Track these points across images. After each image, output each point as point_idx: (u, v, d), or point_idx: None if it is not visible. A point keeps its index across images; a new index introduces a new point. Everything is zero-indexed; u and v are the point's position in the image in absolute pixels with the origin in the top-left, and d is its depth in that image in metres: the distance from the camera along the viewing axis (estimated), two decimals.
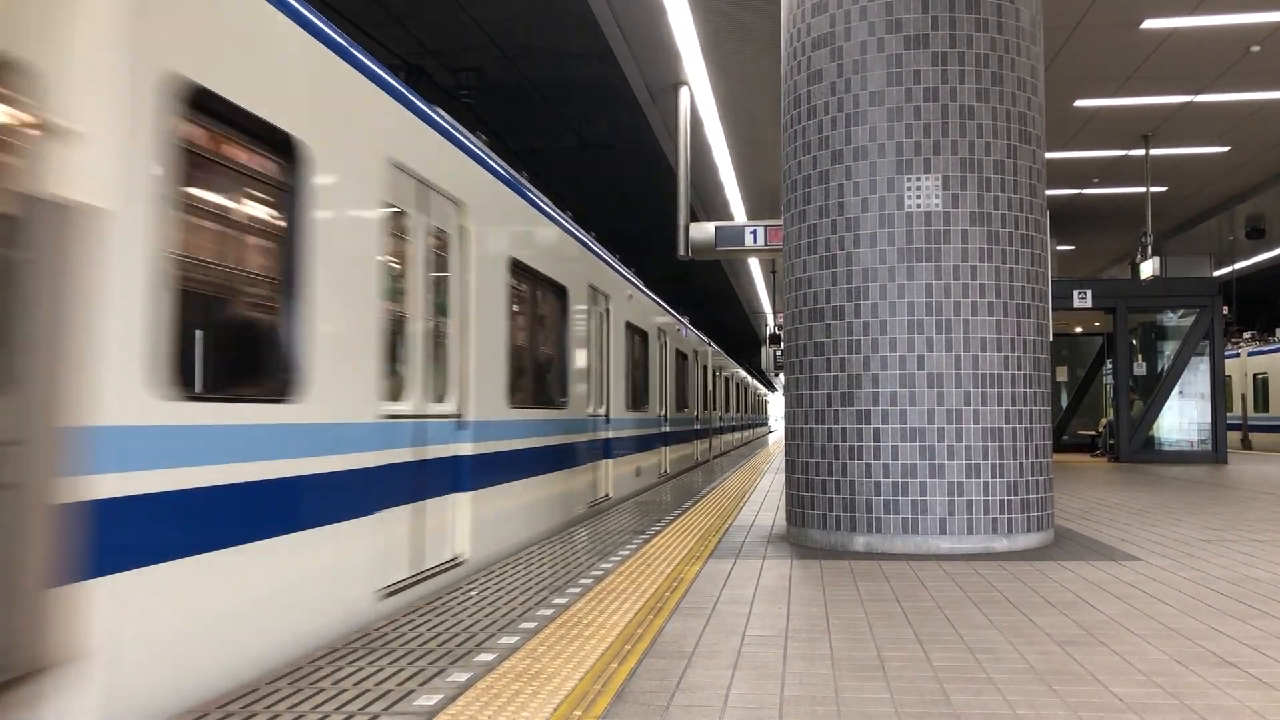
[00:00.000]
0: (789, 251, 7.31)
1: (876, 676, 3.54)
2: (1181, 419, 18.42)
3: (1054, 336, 7.90)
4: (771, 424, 74.03)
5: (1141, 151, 16.18)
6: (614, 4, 10.73)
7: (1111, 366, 18.63)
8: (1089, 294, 17.25)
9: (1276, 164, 17.27)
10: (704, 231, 13.87)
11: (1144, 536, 7.38)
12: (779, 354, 29.00)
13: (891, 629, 4.30)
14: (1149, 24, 11.22)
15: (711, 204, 19.26)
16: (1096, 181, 18.32)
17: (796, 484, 7.13)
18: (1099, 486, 12.21)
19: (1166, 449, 18.21)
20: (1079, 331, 21.20)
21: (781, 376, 15.19)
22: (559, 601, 4.89)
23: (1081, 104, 14.04)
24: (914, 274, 6.64)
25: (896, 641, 4.07)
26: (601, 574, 5.69)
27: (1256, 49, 11.94)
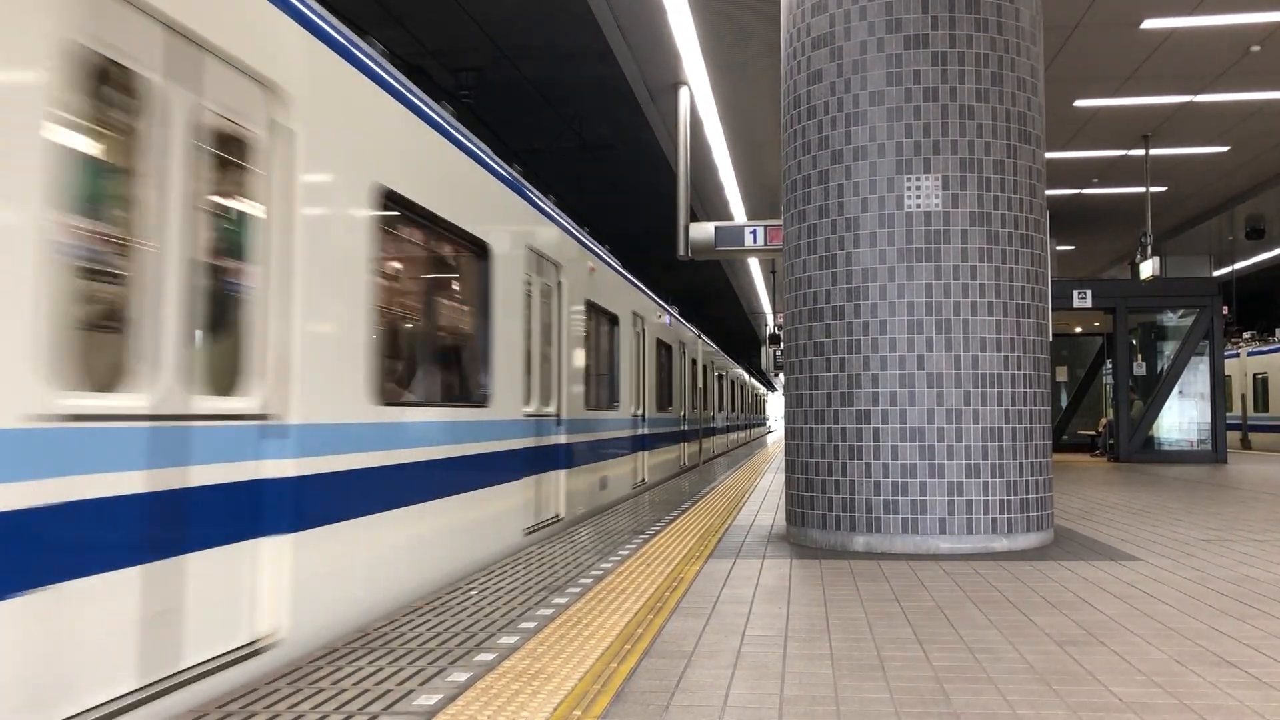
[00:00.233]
0: (789, 251, 7.31)
1: (876, 676, 3.54)
2: (1181, 419, 18.43)
3: (1054, 336, 7.89)
4: (771, 424, 73.86)
5: (1141, 151, 16.18)
6: (614, 4, 10.73)
7: (1111, 366, 18.65)
8: (1089, 294, 17.25)
9: (1276, 164, 17.27)
10: (704, 231, 13.87)
11: (1144, 536, 7.38)
12: (779, 354, 29.02)
13: (891, 629, 4.30)
14: (1149, 24, 11.23)
15: (711, 204, 19.26)
16: (1096, 181, 18.33)
17: (796, 484, 7.13)
18: (1099, 486, 12.22)
19: (1166, 449, 18.22)
20: (1079, 331, 21.21)
21: (781, 376, 15.20)
22: (559, 601, 4.89)
23: (1081, 104, 14.04)
24: (914, 274, 6.64)
25: (896, 641, 4.07)
26: (601, 574, 5.69)
27: (1256, 49, 11.95)
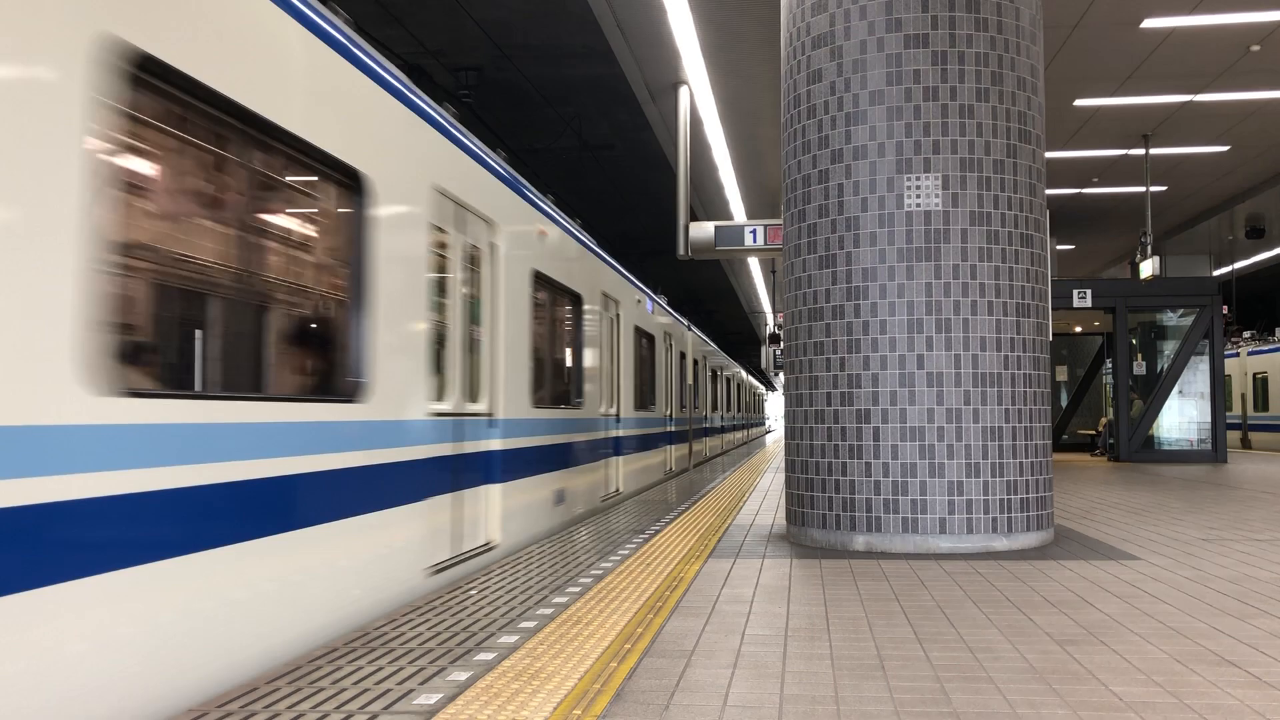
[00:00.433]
0: (788, 251, 7.31)
1: (876, 676, 3.54)
2: (1181, 418, 18.43)
3: (1054, 336, 7.91)
4: (771, 423, 73.63)
5: (1141, 151, 16.18)
6: (614, 3, 10.72)
7: (1111, 366, 18.65)
8: (1089, 293, 17.25)
9: (1276, 164, 17.26)
10: (704, 231, 13.87)
11: (1144, 536, 7.38)
12: (779, 353, 29.01)
13: (891, 628, 4.30)
14: (1149, 23, 11.22)
15: (711, 203, 19.26)
16: (1096, 181, 18.32)
17: (796, 483, 7.13)
18: (1099, 486, 12.21)
19: (1166, 448, 18.22)
20: (1079, 331, 21.21)
21: (781, 376, 15.18)
22: (559, 601, 4.89)
23: (1081, 103, 14.04)
24: (913, 273, 6.64)
25: (896, 641, 4.07)
26: (601, 573, 5.69)
27: (1256, 48, 11.94)
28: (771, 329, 31.28)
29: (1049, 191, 16.12)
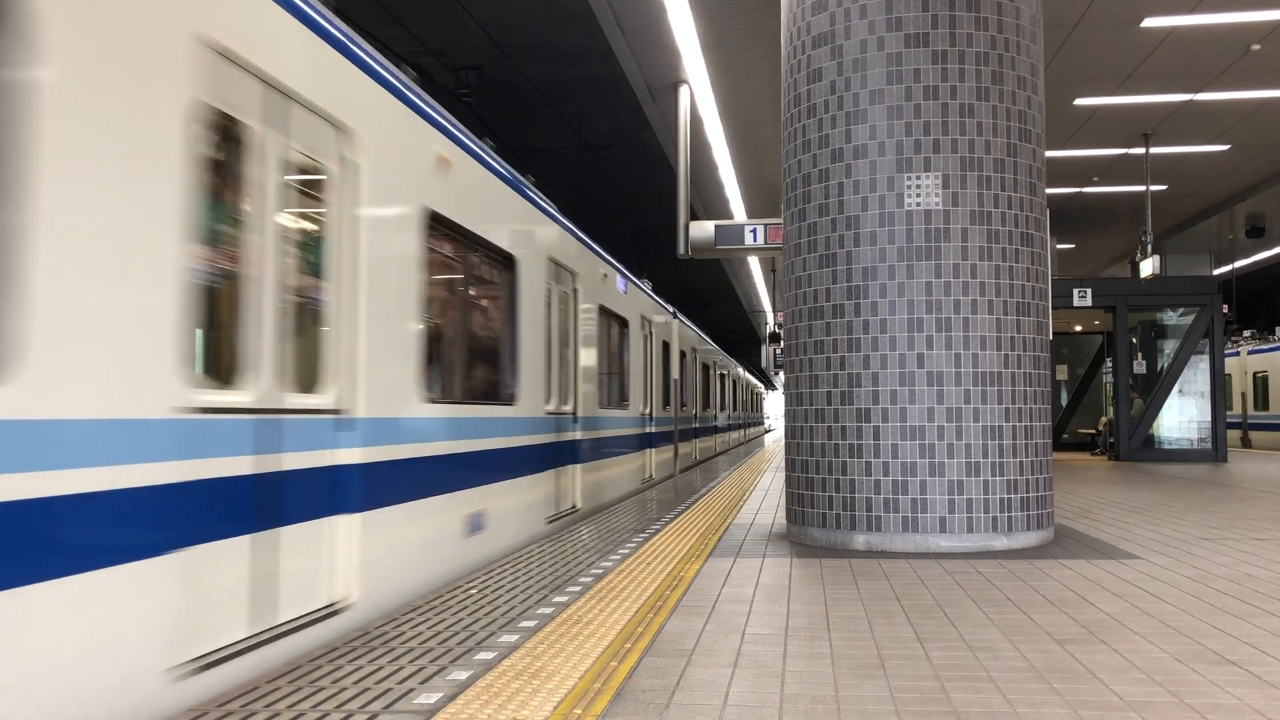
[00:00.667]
0: (789, 250, 7.31)
1: (876, 675, 3.54)
2: (1181, 417, 18.43)
3: (1054, 335, 7.90)
4: (770, 423, 73.50)
5: (1141, 150, 16.18)
6: (614, 2, 10.72)
7: (1111, 365, 18.65)
8: (1089, 292, 17.25)
9: (1276, 163, 17.26)
10: (704, 230, 13.87)
11: (1144, 535, 7.38)
12: (779, 352, 29.01)
13: (891, 627, 4.30)
14: (1149, 22, 11.22)
15: (711, 203, 19.26)
16: (1096, 180, 18.32)
17: (796, 482, 7.13)
18: (1099, 485, 12.22)
19: (1166, 447, 18.22)
20: (1079, 330, 21.21)
21: (781, 375, 15.22)
22: (559, 600, 4.89)
23: (1081, 102, 14.04)
24: (914, 272, 6.64)
25: (896, 640, 4.07)
26: (602, 572, 5.69)
27: (1257, 47, 11.94)
28: (771, 328, 31.31)
29: (1049, 190, 16.13)
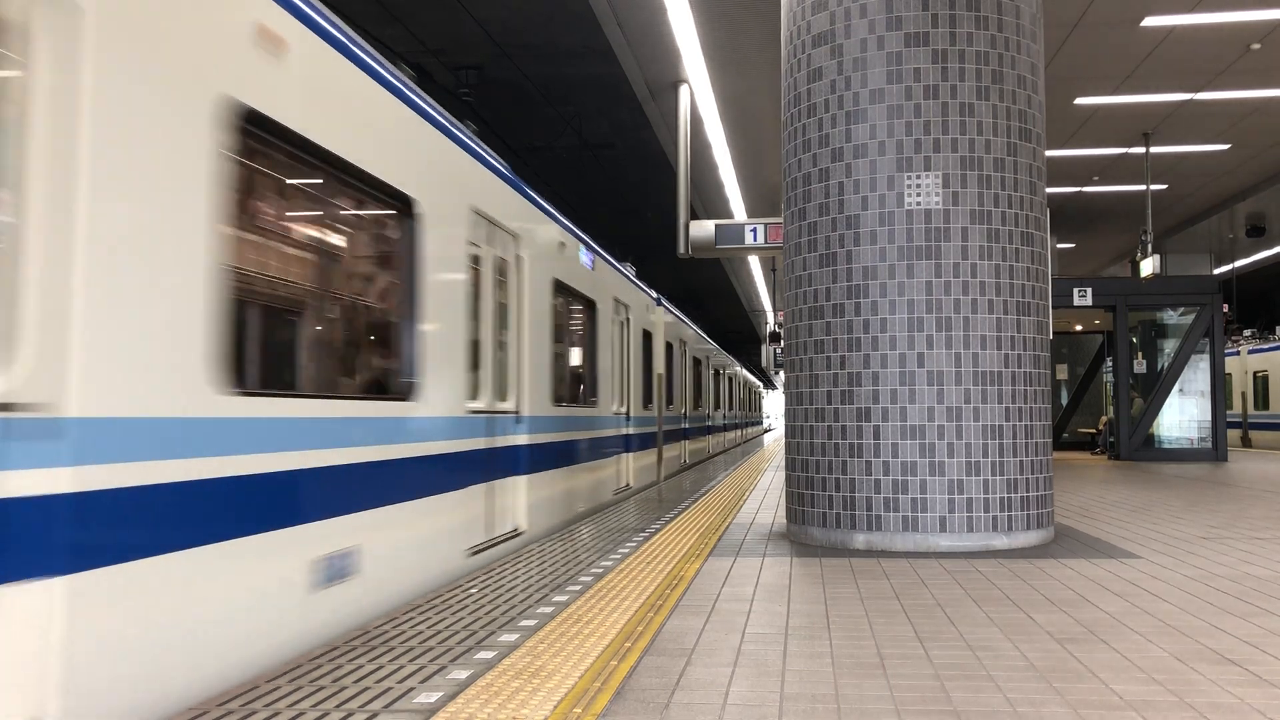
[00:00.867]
0: (789, 249, 7.31)
1: (876, 674, 3.54)
2: (1181, 417, 18.43)
3: (1054, 334, 7.90)
4: (770, 422, 73.26)
5: (1142, 149, 16.17)
6: (614, 2, 10.72)
7: (1111, 364, 18.65)
8: (1089, 292, 17.25)
9: (1277, 162, 17.26)
10: (704, 229, 13.87)
11: (1144, 534, 7.38)
12: (779, 351, 29.01)
13: (891, 626, 4.30)
14: (1149, 22, 11.21)
15: (711, 202, 19.26)
16: (1096, 179, 18.32)
17: (796, 482, 7.13)
18: (1099, 484, 12.22)
19: (1166, 447, 18.23)
20: (1079, 329, 21.21)
21: (782, 374, 15.27)
22: (559, 599, 4.89)
23: (1081, 102, 14.03)
24: (914, 272, 6.64)
25: (896, 639, 4.07)
26: (602, 572, 5.69)
27: (1257, 46, 11.93)
28: (772, 327, 31.31)
29: (1049, 190, 16.10)
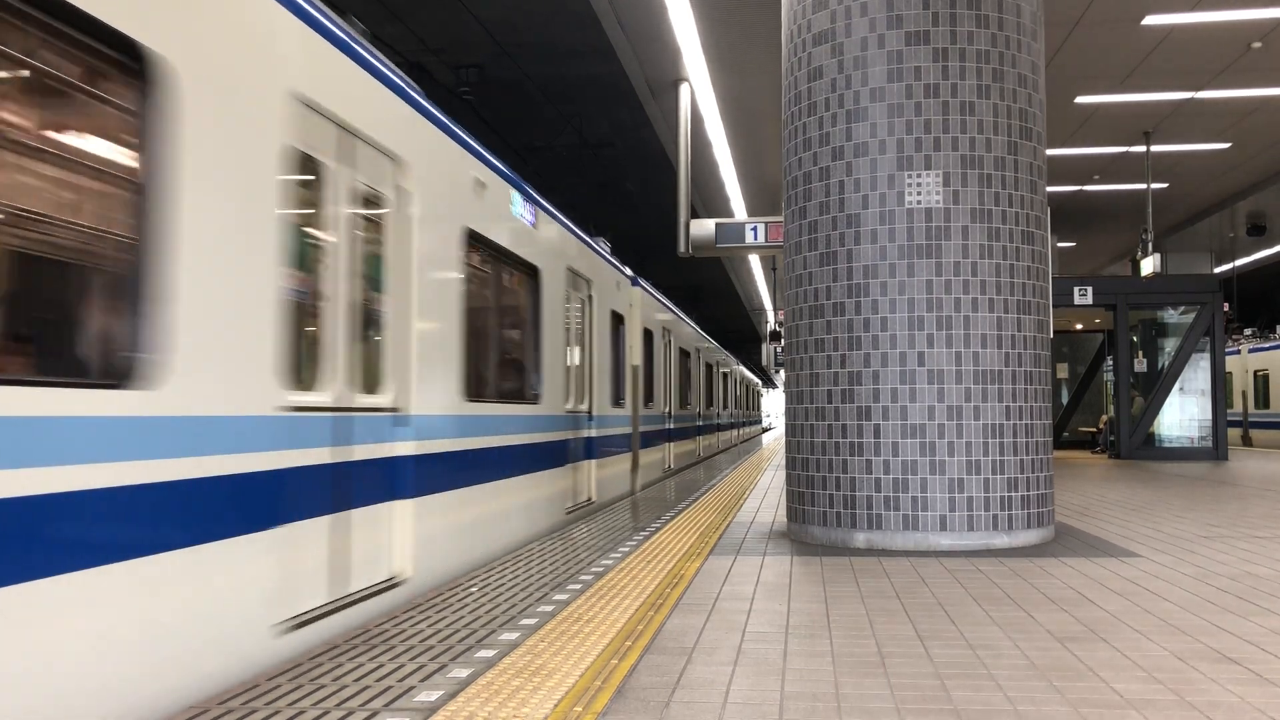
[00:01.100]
0: (789, 248, 7.31)
1: (877, 673, 3.54)
2: (1182, 416, 18.43)
3: (1054, 333, 7.90)
4: (770, 421, 73.09)
5: (1142, 148, 16.17)
6: (614, 1, 10.72)
7: (1112, 363, 18.65)
8: (1089, 291, 17.25)
9: (1277, 161, 17.25)
10: (704, 228, 13.87)
11: (1144, 533, 7.38)
12: (779, 350, 29.00)
13: (892, 625, 4.30)
14: (1150, 20, 11.21)
15: (712, 201, 19.26)
16: (1097, 178, 18.31)
17: (797, 480, 7.13)
18: (1099, 483, 12.21)
19: (1167, 446, 18.22)
20: (1079, 328, 21.20)
21: (782, 373, 15.29)
22: (560, 598, 4.89)
23: (1082, 100, 14.03)
24: (914, 270, 6.64)
25: (897, 638, 4.07)
26: (602, 570, 5.70)
27: (1258, 45, 11.93)
28: (772, 326, 31.31)
29: (1050, 189, 16.05)
